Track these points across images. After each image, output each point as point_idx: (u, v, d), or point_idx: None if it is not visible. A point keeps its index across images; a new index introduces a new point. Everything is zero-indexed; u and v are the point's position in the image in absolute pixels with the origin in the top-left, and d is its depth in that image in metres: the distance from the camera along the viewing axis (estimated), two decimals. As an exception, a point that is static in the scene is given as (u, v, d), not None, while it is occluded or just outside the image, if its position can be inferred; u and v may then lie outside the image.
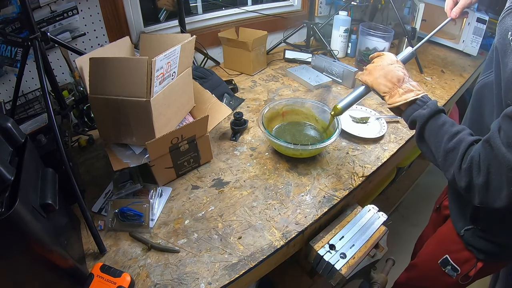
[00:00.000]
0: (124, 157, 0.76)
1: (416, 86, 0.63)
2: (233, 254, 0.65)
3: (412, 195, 1.81)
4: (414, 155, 1.59)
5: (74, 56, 0.88)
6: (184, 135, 0.76)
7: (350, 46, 1.55)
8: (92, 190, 0.80)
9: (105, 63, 0.67)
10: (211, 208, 0.75)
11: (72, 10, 1.02)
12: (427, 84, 1.32)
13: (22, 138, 0.51)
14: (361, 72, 0.72)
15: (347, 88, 1.29)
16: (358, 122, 1.04)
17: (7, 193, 0.42)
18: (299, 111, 1.00)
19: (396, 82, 0.63)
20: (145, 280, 0.60)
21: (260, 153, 0.92)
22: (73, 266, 0.54)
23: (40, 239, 0.45)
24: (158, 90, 0.71)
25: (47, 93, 0.72)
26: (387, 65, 0.66)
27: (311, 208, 0.76)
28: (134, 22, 1.19)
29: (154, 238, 0.68)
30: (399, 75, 0.64)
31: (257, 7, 1.60)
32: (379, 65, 0.67)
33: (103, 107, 0.72)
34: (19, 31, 0.93)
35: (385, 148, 0.95)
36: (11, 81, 0.98)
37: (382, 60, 0.68)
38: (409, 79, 0.64)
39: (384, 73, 0.65)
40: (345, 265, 0.69)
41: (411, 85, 0.62)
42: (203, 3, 1.44)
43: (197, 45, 1.29)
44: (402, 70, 0.65)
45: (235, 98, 1.18)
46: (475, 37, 1.51)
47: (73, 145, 0.95)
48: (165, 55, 0.68)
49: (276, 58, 1.54)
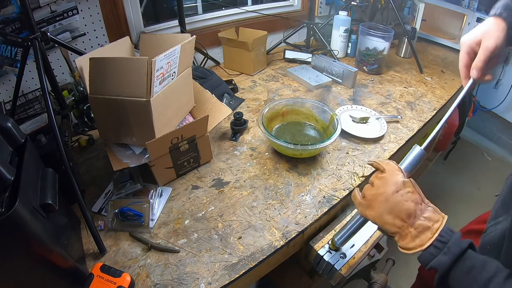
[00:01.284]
0: (124, 157, 0.76)
1: (432, 216, 0.48)
2: (233, 254, 0.65)
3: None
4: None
5: (74, 56, 0.88)
6: (184, 135, 0.76)
7: (350, 46, 1.55)
8: (92, 190, 0.80)
9: (105, 63, 0.67)
10: (211, 208, 0.75)
11: (72, 10, 1.02)
12: (427, 84, 1.32)
13: (22, 138, 0.51)
14: (359, 201, 0.55)
15: (347, 88, 1.29)
16: (358, 122, 1.04)
17: (7, 193, 0.42)
18: (299, 111, 1.00)
19: (406, 219, 0.49)
20: (145, 280, 0.60)
21: (260, 153, 0.92)
22: (73, 266, 0.54)
23: (40, 239, 0.45)
24: (158, 90, 0.71)
25: (47, 93, 0.72)
26: (392, 195, 0.50)
27: (311, 208, 0.75)
28: (134, 22, 1.19)
29: (154, 238, 0.68)
30: (409, 208, 0.49)
31: (257, 7, 1.60)
32: (381, 193, 0.52)
33: (103, 107, 0.72)
34: (19, 31, 0.93)
35: (385, 148, 0.95)
36: (11, 81, 0.98)
37: (385, 184, 0.52)
38: (424, 207, 0.49)
39: (389, 207, 0.50)
40: (345, 265, 0.69)
41: (425, 219, 0.48)
42: (203, 3, 1.44)
43: (197, 45, 1.29)
44: (413, 197, 0.50)
45: (235, 98, 1.18)
46: (475, 37, 1.50)
47: (73, 145, 0.95)
48: (165, 55, 0.68)
49: (276, 58, 1.54)
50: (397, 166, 0.54)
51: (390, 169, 0.54)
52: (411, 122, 1.07)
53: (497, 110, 1.99)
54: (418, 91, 1.27)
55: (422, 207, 0.49)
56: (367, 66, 1.41)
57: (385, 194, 0.51)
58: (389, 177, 0.52)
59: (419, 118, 1.10)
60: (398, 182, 0.51)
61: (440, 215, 0.49)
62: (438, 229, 0.47)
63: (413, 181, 0.52)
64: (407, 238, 0.49)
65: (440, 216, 0.49)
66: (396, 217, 0.50)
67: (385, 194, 0.51)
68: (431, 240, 0.47)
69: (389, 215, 0.50)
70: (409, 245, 0.48)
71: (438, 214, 0.49)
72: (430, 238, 0.47)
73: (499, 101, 1.90)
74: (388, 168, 0.54)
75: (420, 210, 0.49)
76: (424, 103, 1.19)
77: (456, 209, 1.74)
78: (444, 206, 1.79)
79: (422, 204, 0.50)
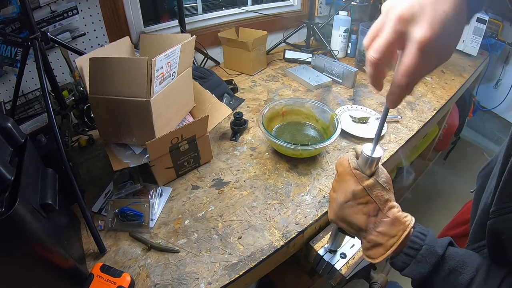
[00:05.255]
0: (124, 157, 0.76)
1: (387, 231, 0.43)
2: (233, 254, 0.65)
3: (412, 195, 1.81)
4: (414, 155, 1.59)
5: (74, 56, 0.88)
6: (184, 135, 0.76)
7: (350, 46, 1.55)
8: (92, 190, 0.80)
9: (105, 63, 0.67)
10: (211, 208, 0.75)
11: (72, 10, 1.02)
12: (427, 84, 1.32)
13: (22, 138, 0.51)
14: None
15: (347, 88, 1.29)
16: (358, 122, 1.04)
17: (7, 193, 0.42)
18: (299, 111, 1.00)
19: (358, 231, 0.46)
20: (145, 280, 0.60)
21: (260, 153, 0.92)
22: (73, 266, 0.54)
23: (40, 239, 0.45)
24: (158, 90, 0.71)
25: (47, 93, 0.72)
26: (342, 204, 0.46)
27: (311, 208, 0.75)
28: (134, 22, 1.19)
29: (154, 238, 0.68)
30: (359, 222, 0.44)
31: (257, 7, 1.60)
32: (335, 199, 0.47)
33: (103, 107, 0.72)
34: (19, 31, 0.93)
35: (385, 148, 0.95)
36: (11, 81, 0.98)
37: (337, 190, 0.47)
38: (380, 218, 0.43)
39: (341, 216, 0.47)
40: (345, 265, 0.68)
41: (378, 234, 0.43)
42: (203, 3, 1.44)
43: (197, 45, 1.29)
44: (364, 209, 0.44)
45: (235, 98, 1.18)
46: (475, 37, 1.51)
47: (73, 145, 0.95)
48: (165, 55, 0.68)
49: (276, 58, 1.54)
50: (349, 169, 0.45)
51: (341, 172, 0.47)
52: (411, 122, 1.07)
53: (497, 110, 1.99)
54: (418, 91, 1.27)
55: (377, 220, 0.44)
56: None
57: (337, 201, 0.47)
58: (340, 184, 0.47)
59: (419, 118, 1.10)
60: (347, 192, 0.45)
61: (399, 227, 0.43)
62: (393, 245, 0.42)
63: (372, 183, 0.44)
64: (362, 245, 0.47)
65: (398, 228, 0.43)
66: (349, 226, 0.47)
67: (337, 201, 0.47)
68: (383, 256, 0.44)
69: (342, 222, 0.48)
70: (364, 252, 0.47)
71: (397, 226, 0.43)
72: (382, 254, 0.43)
73: (499, 101, 1.90)
74: (339, 171, 0.47)
75: (373, 224, 0.44)
76: (424, 103, 1.19)
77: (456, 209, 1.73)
78: (444, 206, 1.79)
79: (378, 216, 0.44)
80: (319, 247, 0.72)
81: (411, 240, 0.43)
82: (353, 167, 0.45)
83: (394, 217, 0.43)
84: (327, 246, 0.71)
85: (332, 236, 0.67)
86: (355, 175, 0.45)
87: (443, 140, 1.88)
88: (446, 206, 1.79)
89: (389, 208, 0.44)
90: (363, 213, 0.44)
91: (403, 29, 0.32)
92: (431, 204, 1.83)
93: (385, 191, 0.44)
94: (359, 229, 0.45)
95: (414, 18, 0.31)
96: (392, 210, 0.44)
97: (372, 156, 0.44)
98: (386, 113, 0.41)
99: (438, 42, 0.31)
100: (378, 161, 0.45)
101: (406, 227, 0.43)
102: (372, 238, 0.44)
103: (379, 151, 0.44)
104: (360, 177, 0.45)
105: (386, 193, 0.44)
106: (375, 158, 0.44)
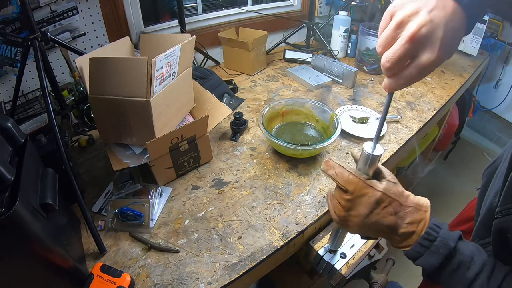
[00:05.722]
0: (124, 157, 0.76)
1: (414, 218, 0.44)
2: (233, 254, 0.65)
3: (412, 195, 1.81)
4: (414, 155, 1.59)
5: (74, 56, 0.88)
6: (184, 135, 0.76)
7: (350, 46, 1.55)
8: (92, 190, 0.80)
9: (105, 63, 0.67)
10: (211, 208, 0.75)
11: (72, 10, 1.02)
12: (427, 84, 1.32)
13: (22, 138, 0.51)
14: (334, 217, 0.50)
15: (347, 88, 1.29)
16: (358, 122, 1.04)
17: (7, 193, 0.42)
18: (299, 111, 1.00)
19: (389, 232, 0.46)
20: (145, 280, 0.60)
21: (260, 153, 0.92)
22: (73, 266, 0.54)
23: (40, 239, 0.45)
24: (158, 90, 0.71)
25: (47, 93, 0.72)
26: (366, 217, 0.45)
27: (311, 208, 0.75)
28: (134, 22, 1.19)
29: (154, 238, 0.68)
30: (389, 223, 0.45)
31: (257, 7, 1.60)
32: (355, 215, 0.46)
33: (103, 107, 0.72)
34: (19, 31, 0.93)
35: (385, 148, 0.95)
36: (11, 81, 0.98)
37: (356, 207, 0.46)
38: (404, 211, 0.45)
39: (368, 226, 0.46)
40: (345, 265, 0.68)
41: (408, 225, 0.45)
42: (203, 3, 1.44)
43: (197, 45, 1.29)
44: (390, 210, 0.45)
45: (235, 98, 1.18)
46: (475, 37, 1.51)
47: (73, 145, 0.95)
48: (165, 55, 0.68)
49: (276, 58, 1.54)
50: (362, 182, 0.45)
51: (356, 189, 0.45)
52: (411, 122, 1.07)
53: (497, 110, 1.99)
54: (418, 91, 1.27)
55: (402, 214, 0.45)
56: (367, 66, 1.41)
57: (359, 217, 0.46)
58: (359, 200, 0.45)
59: (419, 118, 1.10)
60: (369, 203, 0.44)
61: (422, 211, 0.45)
62: (423, 228, 0.44)
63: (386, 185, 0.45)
64: (393, 241, 0.47)
65: (422, 212, 0.45)
66: (378, 232, 0.47)
67: (359, 217, 0.46)
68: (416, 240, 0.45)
69: (369, 231, 0.47)
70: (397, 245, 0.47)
71: (420, 210, 0.45)
72: (416, 240, 0.45)
73: (499, 101, 1.90)
74: (352, 189, 0.45)
75: (401, 219, 0.45)
76: (424, 103, 1.19)
77: (456, 209, 1.73)
78: (444, 206, 1.79)
79: (402, 210, 0.45)
80: (319, 247, 0.72)
81: (426, 232, 0.44)
82: (365, 178, 0.46)
83: (414, 203, 0.45)
84: (327, 246, 0.71)
85: (332, 236, 0.67)
86: (370, 184, 0.45)
87: (443, 140, 1.88)
88: (446, 206, 1.79)
89: (406, 197, 0.46)
90: (390, 214, 0.45)
91: (413, 49, 0.35)
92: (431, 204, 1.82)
93: (396, 185, 0.46)
94: (390, 230, 0.46)
95: (425, 42, 0.34)
96: (409, 198, 0.46)
97: (373, 154, 0.44)
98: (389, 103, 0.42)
99: (440, 61, 0.35)
100: (379, 159, 0.46)
101: (426, 208, 0.45)
102: (403, 231, 0.45)
103: (380, 149, 0.45)
104: (375, 184, 0.45)
105: (399, 186, 0.46)
106: (376, 155, 0.44)
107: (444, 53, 0.35)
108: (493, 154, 2.18)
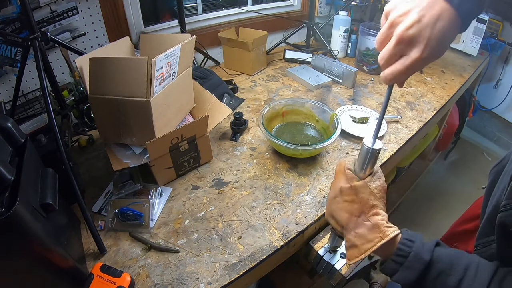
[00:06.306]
0: (124, 157, 0.76)
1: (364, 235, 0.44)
2: (233, 254, 0.65)
3: (412, 195, 1.81)
4: (414, 155, 1.59)
5: (74, 56, 0.88)
6: (184, 135, 0.76)
7: (350, 46, 1.55)
8: (92, 190, 0.80)
9: (105, 63, 0.67)
10: (211, 208, 0.75)
11: (72, 10, 1.02)
12: (427, 84, 1.32)
13: (22, 138, 0.51)
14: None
15: (347, 88, 1.29)
16: (358, 122, 1.04)
17: (7, 193, 0.42)
18: (299, 111, 1.00)
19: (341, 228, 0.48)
20: (145, 280, 0.60)
21: (260, 153, 0.92)
22: (73, 266, 0.54)
23: (40, 239, 0.45)
24: (158, 90, 0.71)
25: (47, 93, 0.72)
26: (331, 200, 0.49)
27: (311, 208, 0.75)
28: (134, 22, 1.19)
29: (154, 238, 0.68)
30: (342, 219, 0.47)
31: (257, 7, 1.60)
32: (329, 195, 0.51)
33: (103, 107, 0.72)
34: (19, 31, 0.93)
35: (385, 148, 0.95)
36: (11, 81, 0.98)
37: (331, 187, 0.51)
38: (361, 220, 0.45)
39: (330, 211, 0.50)
40: (345, 265, 0.68)
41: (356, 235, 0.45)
42: (203, 3, 1.44)
43: (197, 45, 1.29)
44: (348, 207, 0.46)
45: (235, 98, 1.18)
46: (475, 37, 1.51)
47: (73, 145, 0.95)
48: (165, 55, 0.68)
49: (276, 58, 1.54)
50: (343, 168, 0.48)
51: (337, 171, 0.50)
52: (411, 122, 1.07)
53: (497, 110, 1.99)
54: (418, 91, 1.27)
55: (358, 221, 0.45)
56: (367, 66, 1.41)
57: (329, 197, 0.51)
58: (334, 181, 0.50)
59: (419, 118, 1.10)
60: (336, 188, 0.48)
61: (377, 235, 0.43)
62: (367, 250, 0.44)
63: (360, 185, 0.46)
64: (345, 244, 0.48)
65: (376, 236, 0.43)
66: (336, 223, 0.50)
67: (329, 197, 0.51)
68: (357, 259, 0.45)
69: (331, 218, 0.51)
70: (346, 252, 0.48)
71: (376, 233, 0.44)
72: (356, 257, 0.45)
73: (499, 101, 1.90)
74: (336, 170, 0.51)
75: (353, 223, 0.45)
76: (424, 103, 1.19)
77: (456, 209, 1.74)
78: (444, 206, 1.79)
79: (360, 217, 0.45)
80: (319, 247, 0.72)
81: (398, 248, 0.44)
82: (347, 167, 0.48)
83: (375, 223, 0.44)
84: (327, 246, 0.71)
85: (332, 236, 0.67)
86: (346, 174, 0.48)
87: (443, 140, 1.89)
88: (446, 206, 1.79)
89: (374, 214, 0.45)
90: (346, 211, 0.47)
91: (402, 49, 0.37)
92: (431, 204, 1.83)
93: (373, 196, 0.45)
94: (341, 226, 0.48)
95: (412, 42, 0.36)
96: (375, 217, 0.45)
97: (372, 147, 0.45)
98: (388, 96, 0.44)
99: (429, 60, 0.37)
100: (377, 156, 0.46)
101: (384, 236, 0.44)
102: (350, 238, 0.46)
103: (379, 144, 0.46)
104: (351, 177, 0.47)
105: (374, 199, 0.45)
106: (376, 149, 0.45)
107: (432, 52, 0.36)
108: (493, 154, 2.18)
